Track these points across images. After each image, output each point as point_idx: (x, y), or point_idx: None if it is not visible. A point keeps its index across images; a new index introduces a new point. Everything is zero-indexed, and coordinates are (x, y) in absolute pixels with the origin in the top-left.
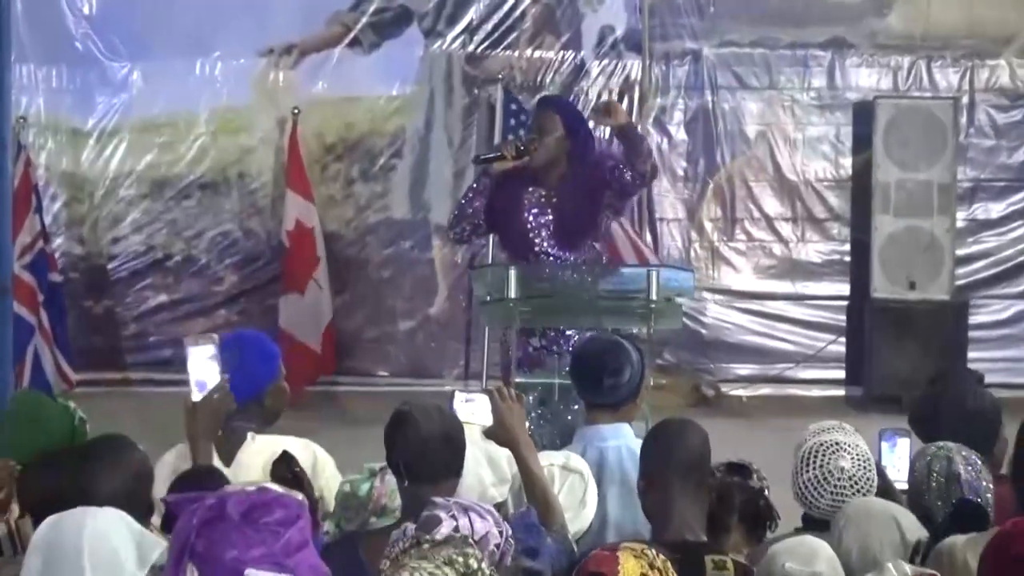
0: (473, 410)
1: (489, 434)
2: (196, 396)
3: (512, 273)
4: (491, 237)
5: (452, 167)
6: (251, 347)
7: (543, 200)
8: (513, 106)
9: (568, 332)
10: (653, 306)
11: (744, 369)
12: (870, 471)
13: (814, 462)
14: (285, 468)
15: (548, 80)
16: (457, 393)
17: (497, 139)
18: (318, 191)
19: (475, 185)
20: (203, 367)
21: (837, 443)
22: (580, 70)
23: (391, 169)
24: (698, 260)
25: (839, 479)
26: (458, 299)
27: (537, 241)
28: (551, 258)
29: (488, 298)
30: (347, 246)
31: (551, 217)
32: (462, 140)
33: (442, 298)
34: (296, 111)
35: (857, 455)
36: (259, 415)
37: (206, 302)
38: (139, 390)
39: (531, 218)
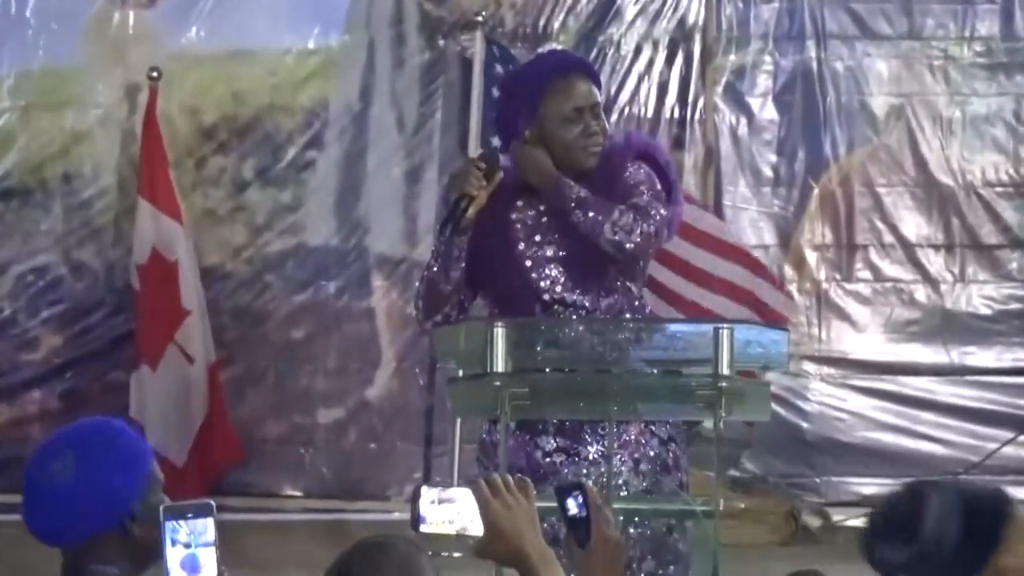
0: (451, 515)
1: (482, 550)
2: None
3: (498, 332)
4: None
5: (404, 163)
6: (99, 446)
7: (544, 220)
8: (500, 66)
9: (596, 426)
10: (723, 385)
11: (869, 485)
12: None
13: None
14: None
15: (556, 24)
16: (424, 491)
17: (475, 118)
18: (189, 201)
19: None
20: (191, 554)
21: None
22: (607, 9)
23: (306, 166)
24: (796, 312)
25: None
26: (413, 374)
27: (544, 285)
28: (568, 310)
29: (461, 373)
30: (236, 289)
31: (558, 248)
32: (419, 121)
33: (387, 373)
34: (155, 74)
35: None
36: (124, 553)
37: (11, 379)
38: None
39: (529, 250)
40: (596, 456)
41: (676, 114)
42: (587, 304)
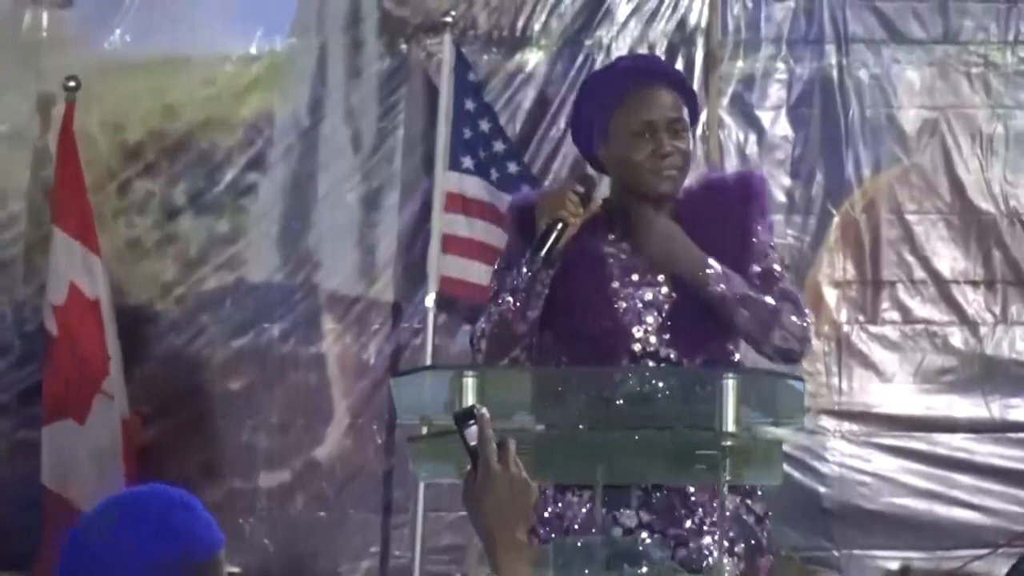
0: None
1: None
2: None
3: (469, 383)
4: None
5: (360, 187)
6: (125, 509)
7: (641, 260)
8: (472, 76)
9: (688, 499)
10: (728, 444)
11: (896, 559)
12: None
13: None
14: None
15: (537, 26)
16: None
17: (442, 136)
18: (111, 232)
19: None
20: None
21: None
22: (596, 8)
23: (247, 191)
24: (813, 359)
25: None
26: (369, 431)
27: (637, 334)
28: (660, 366)
29: (425, 430)
30: (166, 333)
31: (660, 294)
32: (378, 138)
33: (340, 430)
34: (72, 84)
35: None
36: None
37: None
38: None
39: (624, 290)
40: (688, 533)
41: None
42: (684, 364)
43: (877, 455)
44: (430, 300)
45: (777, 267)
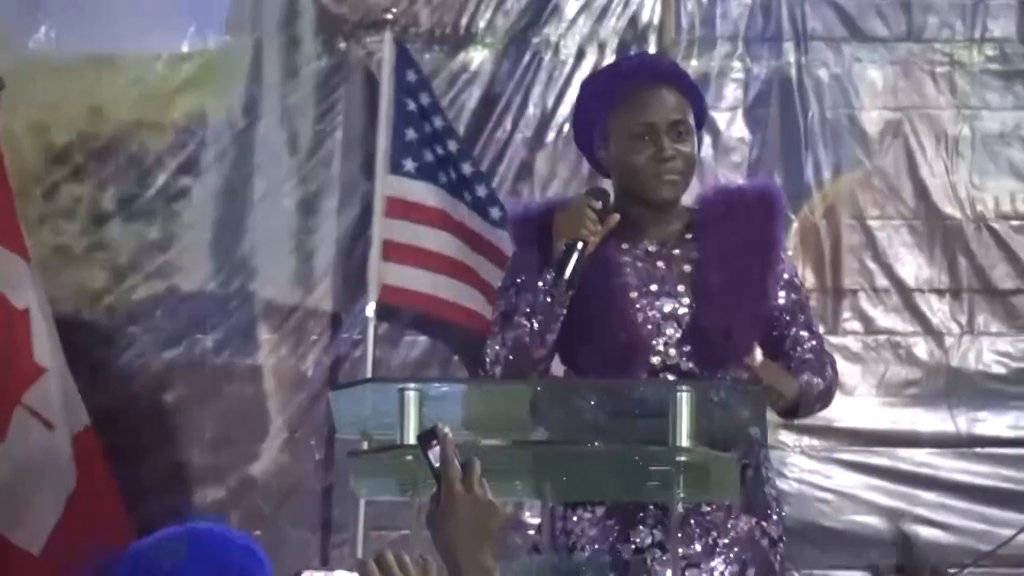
0: None
1: None
2: None
3: (411, 396)
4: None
5: (296, 192)
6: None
7: (659, 265)
8: (413, 75)
9: (702, 517)
10: (683, 460)
11: None
12: None
13: None
14: None
15: (481, 23)
16: None
17: (382, 138)
18: (37, 238)
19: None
20: None
21: None
22: (544, 5)
23: (179, 196)
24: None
25: None
26: (307, 447)
27: (657, 346)
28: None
29: (366, 445)
30: (94, 344)
31: (680, 305)
32: (315, 141)
33: (276, 445)
34: None
35: None
36: None
37: None
38: None
39: (643, 300)
40: (698, 553)
41: None
42: (704, 376)
43: (838, 471)
44: (370, 309)
45: (816, 323)
